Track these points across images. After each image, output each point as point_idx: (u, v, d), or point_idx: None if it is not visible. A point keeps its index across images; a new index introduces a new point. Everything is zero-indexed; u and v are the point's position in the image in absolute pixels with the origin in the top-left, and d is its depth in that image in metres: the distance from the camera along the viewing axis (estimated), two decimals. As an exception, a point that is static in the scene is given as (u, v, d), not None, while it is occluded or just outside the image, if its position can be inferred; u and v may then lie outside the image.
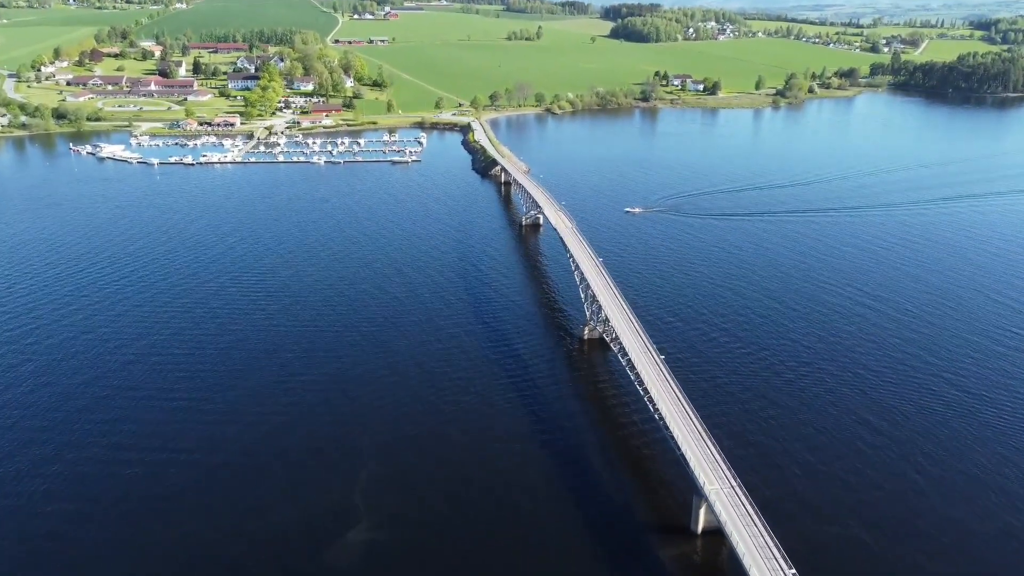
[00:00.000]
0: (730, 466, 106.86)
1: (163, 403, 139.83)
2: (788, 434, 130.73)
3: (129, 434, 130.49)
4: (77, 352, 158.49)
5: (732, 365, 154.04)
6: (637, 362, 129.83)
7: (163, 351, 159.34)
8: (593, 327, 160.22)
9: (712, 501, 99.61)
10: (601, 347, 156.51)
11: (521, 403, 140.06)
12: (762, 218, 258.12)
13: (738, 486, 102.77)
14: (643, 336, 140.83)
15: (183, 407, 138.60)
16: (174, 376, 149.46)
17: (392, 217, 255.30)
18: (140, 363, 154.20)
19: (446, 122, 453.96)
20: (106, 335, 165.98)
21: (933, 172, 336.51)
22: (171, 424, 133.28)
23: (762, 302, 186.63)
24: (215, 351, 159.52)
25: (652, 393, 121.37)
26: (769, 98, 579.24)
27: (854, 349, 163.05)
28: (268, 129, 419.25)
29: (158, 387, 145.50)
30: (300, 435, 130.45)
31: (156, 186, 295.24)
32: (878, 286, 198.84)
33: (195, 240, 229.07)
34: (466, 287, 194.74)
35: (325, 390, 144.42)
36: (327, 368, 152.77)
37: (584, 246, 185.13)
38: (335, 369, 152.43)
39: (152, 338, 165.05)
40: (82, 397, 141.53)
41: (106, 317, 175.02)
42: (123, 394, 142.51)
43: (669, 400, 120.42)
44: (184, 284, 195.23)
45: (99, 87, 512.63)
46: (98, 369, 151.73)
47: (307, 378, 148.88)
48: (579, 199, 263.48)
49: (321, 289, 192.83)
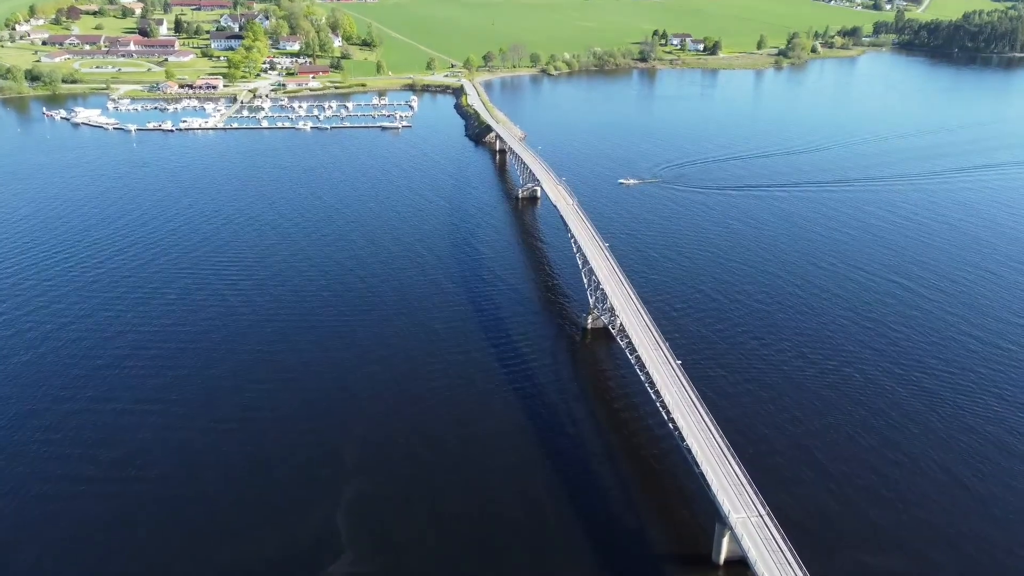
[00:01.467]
0: (756, 488, 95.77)
1: (126, 406, 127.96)
2: (819, 442, 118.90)
3: (85, 439, 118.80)
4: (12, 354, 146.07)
5: (750, 360, 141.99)
6: (649, 363, 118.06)
7: (126, 347, 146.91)
8: (597, 316, 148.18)
9: (738, 532, 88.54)
10: (606, 337, 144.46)
11: (520, 404, 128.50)
12: (768, 191, 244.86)
13: (766, 514, 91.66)
14: (654, 331, 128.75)
15: (149, 410, 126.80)
16: (143, 377, 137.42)
17: (380, 190, 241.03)
18: (91, 362, 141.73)
19: (438, 84, 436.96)
20: (49, 330, 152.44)
21: (949, 139, 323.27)
22: (139, 427, 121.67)
23: (772, 285, 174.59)
24: (181, 342, 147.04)
25: (666, 399, 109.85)
26: (771, 58, 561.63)
27: (893, 337, 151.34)
28: (252, 92, 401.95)
29: (122, 388, 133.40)
30: (277, 434, 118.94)
31: (132, 155, 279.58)
32: (916, 264, 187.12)
33: (169, 218, 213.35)
34: (459, 269, 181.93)
35: (303, 387, 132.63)
36: (307, 359, 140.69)
37: (588, 228, 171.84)
38: (317, 361, 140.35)
39: (108, 332, 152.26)
40: (28, 406, 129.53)
41: (53, 308, 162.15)
42: (81, 395, 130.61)
43: (684, 407, 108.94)
44: (149, 269, 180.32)
45: (76, 47, 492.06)
46: (47, 370, 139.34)
47: (283, 374, 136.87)
48: (573, 168, 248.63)
49: (298, 274, 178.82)
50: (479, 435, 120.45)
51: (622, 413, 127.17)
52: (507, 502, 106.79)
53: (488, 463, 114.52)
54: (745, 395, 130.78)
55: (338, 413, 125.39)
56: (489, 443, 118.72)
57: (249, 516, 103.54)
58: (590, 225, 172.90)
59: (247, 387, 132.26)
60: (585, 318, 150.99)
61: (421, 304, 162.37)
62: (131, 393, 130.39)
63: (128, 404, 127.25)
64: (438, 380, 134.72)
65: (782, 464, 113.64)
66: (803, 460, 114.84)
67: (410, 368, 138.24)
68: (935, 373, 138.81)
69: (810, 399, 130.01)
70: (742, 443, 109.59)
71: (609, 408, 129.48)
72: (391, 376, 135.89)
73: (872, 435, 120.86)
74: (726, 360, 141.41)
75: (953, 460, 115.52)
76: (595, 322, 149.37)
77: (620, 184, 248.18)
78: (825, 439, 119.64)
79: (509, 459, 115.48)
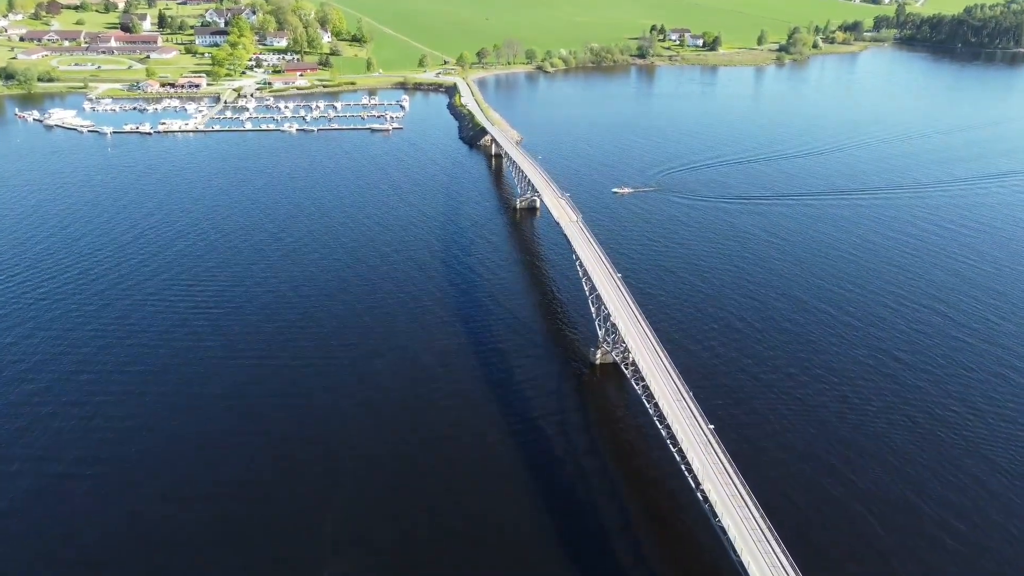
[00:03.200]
0: (794, 566, 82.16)
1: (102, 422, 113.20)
2: (869, 509, 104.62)
3: (58, 444, 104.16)
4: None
5: (784, 407, 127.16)
6: (672, 417, 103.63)
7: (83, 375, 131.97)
8: (607, 351, 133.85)
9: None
10: (616, 374, 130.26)
11: (521, 452, 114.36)
12: (781, 201, 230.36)
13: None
14: (675, 377, 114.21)
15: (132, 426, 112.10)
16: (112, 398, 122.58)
17: (367, 200, 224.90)
18: (34, 410, 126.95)
19: (430, 82, 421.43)
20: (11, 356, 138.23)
21: (966, 138, 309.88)
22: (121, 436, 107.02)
23: (802, 314, 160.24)
24: (131, 393, 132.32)
25: (694, 464, 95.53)
26: (772, 54, 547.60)
27: (943, 375, 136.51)
28: (237, 91, 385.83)
29: (62, 447, 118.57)
30: (246, 506, 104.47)
31: (106, 161, 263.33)
32: (965, 288, 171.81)
33: (137, 235, 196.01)
34: (452, 294, 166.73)
35: (284, 434, 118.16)
36: (286, 404, 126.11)
37: (596, 250, 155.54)
38: (293, 406, 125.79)
39: (56, 372, 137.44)
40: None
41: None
42: (66, 411, 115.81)
43: (717, 477, 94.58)
44: (108, 295, 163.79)
45: (55, 43, 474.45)
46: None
47: (251, 424, 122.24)
48: (568, 174, 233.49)
49: (275, 299, 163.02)
50: (476, 483, 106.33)
51: (639, 466, 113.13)
52: (511, 562, 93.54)
53: (485, 516, 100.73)
54: (778, 448, 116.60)
55: (316, 476, 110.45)
56: (485, 490, 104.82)
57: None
58: (597, 247, 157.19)
59: (211, 442, 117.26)
60: (593, 352, 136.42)
61: (410, 336, 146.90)
62: (74, 453, 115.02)
63: (70, 467, 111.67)
64: (430, 427, 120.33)
65: (820, 534, 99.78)
66: (850, 531, 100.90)
67: (397, 416, 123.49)
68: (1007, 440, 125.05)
69: (858, 456, 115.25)
70: (783, 517, 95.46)
71: (623, 458, 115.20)
72: (376, 428, 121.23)
73: (930, 501, 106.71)
74: (756, 406, 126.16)
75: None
76: (604, 357, 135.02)
77: (615, 193, 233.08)
78: (874, 504, 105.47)
79: (508, 512, 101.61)
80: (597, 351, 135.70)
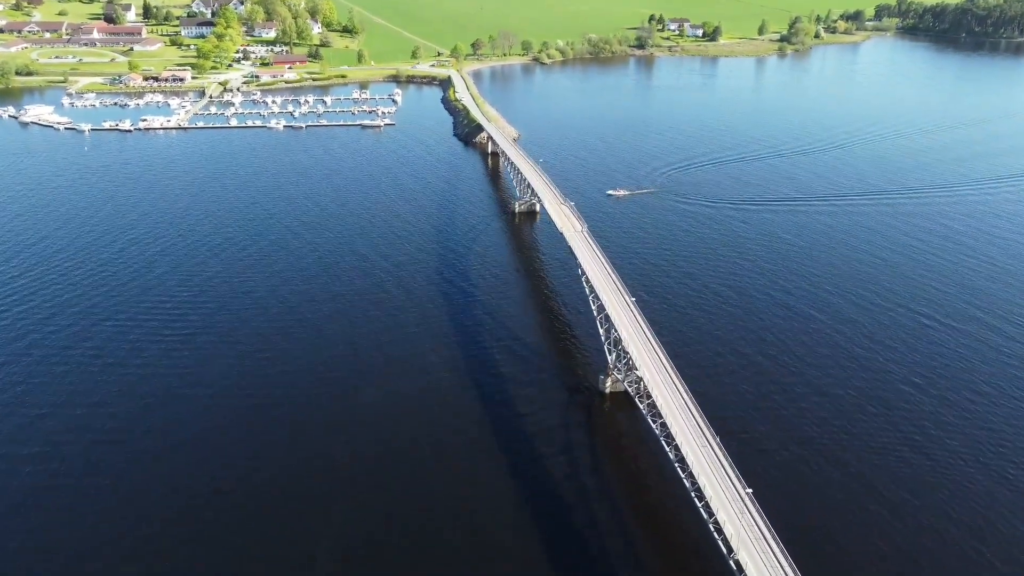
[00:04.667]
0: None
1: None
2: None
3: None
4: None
5: (816, 442, 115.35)
6: (697, 467, 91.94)
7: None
8: (617, 381, 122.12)
9: None
10: (628, 404, 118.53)
11: (526, 498, 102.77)
12: (785, 206, 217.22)
13: None
14: (696, 415, 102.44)
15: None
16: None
17: (355, 206, 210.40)
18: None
19: (424, 75, 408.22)
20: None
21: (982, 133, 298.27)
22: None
23: (829, 337, 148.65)
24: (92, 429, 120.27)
25: (727, 531, 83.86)
26: (774, 44, 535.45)
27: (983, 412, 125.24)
28: (223, 85, 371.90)
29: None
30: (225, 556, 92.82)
31: (81, 161, 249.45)
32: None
33: (107, 244, 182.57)
34: (448, 310, 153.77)
35: (259, 469, 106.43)
36: (258, 454, 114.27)
37: (605, 268, 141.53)
38: (268, 457, 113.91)
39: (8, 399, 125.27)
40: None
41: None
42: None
43: (755, 546, 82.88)
44: (68, 312, 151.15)
45: (35, 35, 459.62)
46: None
47: (234, 469, 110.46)
48: (562, 174, 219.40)
49: (238, 324, 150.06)
50: (479, 545, 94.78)
51: (657, 512, 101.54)
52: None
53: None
54: (819, 511, 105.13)
55: (294, 535, 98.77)
56: (493, 551, 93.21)
57: None
58: (605, 261, 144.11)
59: (183, 487, 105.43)
60: (603, 380, 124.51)
61: (401, 363, 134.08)
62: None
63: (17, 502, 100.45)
64: (421, 469, 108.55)
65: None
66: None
67: (384, 462, 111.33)
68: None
69: (903, 507, 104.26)
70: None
71: (639, 502, 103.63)
72: (363, 475, 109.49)
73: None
74: (797, 457, 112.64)
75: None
76: (614, 385, 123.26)
77: (609, 196, 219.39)
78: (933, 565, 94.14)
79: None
80: (607, 379, 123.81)
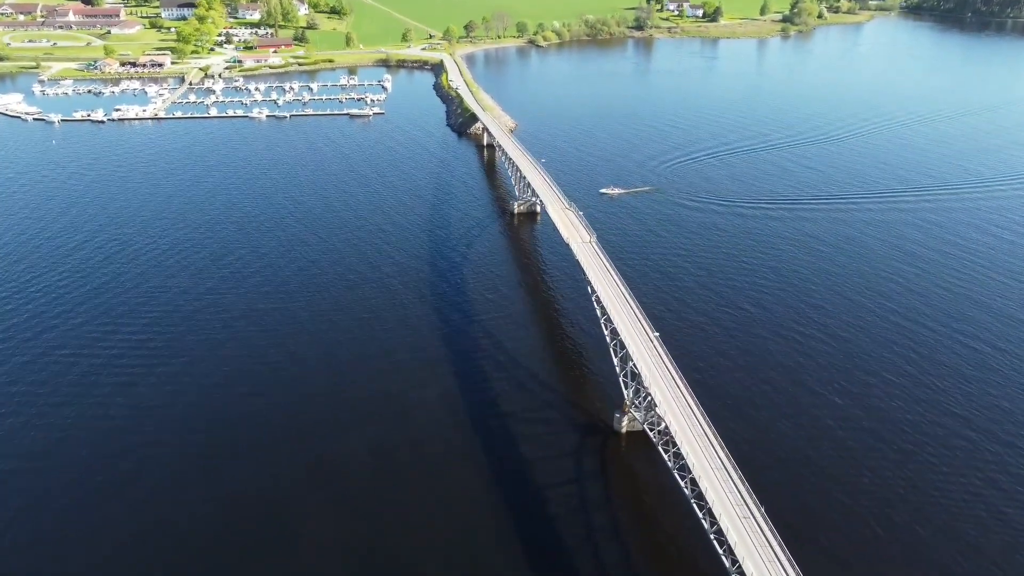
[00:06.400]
0: None
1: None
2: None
3: None
4: None
5: (862, 489, 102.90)
6: (741, 547, 78.26)
7: None
8: (635, 420, 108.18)
9: None
10: (645, 445, 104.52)
11: (533, 555, 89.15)
12: (802, 207, 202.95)
13: None
14: (730, 468, 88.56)
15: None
16: None
17: (341, 204, 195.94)
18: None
19: (415, 59, 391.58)
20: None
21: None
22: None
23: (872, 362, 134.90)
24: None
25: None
26: (776, 25, 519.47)
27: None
28: (204, 71, 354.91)
29: None
30: None
31: (48, 156, 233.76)
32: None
33: (67, 254, 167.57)
34: (442, 328, 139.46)
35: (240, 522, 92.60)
36: (249, 481, 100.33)
37: (619, 288, 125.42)
38: (254, 492, 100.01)
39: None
40: None
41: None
42: None
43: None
44: (24, 330, 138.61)
45: (8, 16, 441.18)
46: None
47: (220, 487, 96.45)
48: (558, 168, 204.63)
49: (209, 350, 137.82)
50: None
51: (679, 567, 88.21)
52: None
53: None
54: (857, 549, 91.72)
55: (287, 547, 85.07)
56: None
57: None
58: (618, 279, 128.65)
59: (139, 539, 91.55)
60: (618, 419, 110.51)
61: (390, 403, 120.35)
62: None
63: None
64: (414, 520, 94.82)
65: None
66: None
67: (371, 508, 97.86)
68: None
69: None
70: None
71: (657, 555, 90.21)
72: (351, 519, 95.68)
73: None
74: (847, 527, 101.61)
75: None
76: (631, 424, 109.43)
77: (602, 194, 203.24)
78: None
79: None
80: (623, 417, 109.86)
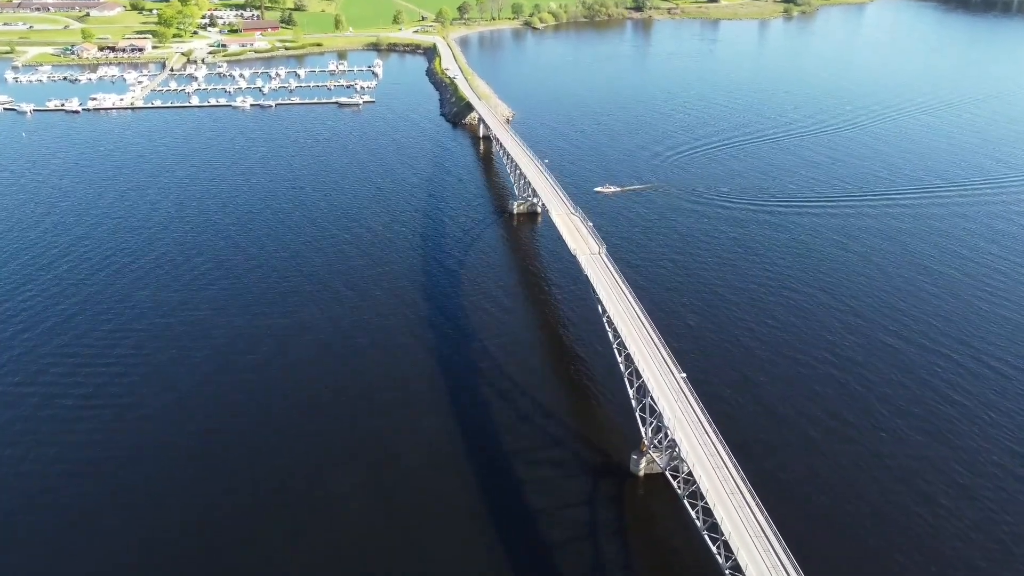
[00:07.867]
0: None
1: None
2: None
3: None
4: None
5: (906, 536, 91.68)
6: None
7: None
8: (654, 462, 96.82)
9: None
10: (668, 488, 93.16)
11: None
12: (823, 206, 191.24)
13: None
14: (763, 524, 77.50)
15: None
16: None
17: (326, 205, 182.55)
18: None
19: (407, 42, 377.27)
20: None
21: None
22: None
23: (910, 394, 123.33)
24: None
25: None
26: (779, 6, 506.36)
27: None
28: (186, 55, 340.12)
29: None
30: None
31: (16, 151, 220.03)
32: None
33: (24, 266, 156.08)
34: (437, 353, 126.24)
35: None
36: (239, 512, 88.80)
37: (634, 310, 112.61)
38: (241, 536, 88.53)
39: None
40: None
41: None
42: None
43: None
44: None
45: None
46: None
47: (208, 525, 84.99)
48: (556, 165, 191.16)
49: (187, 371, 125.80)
50: None
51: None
52: None
53: None
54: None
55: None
56: None
57: None
58: (634, 300, 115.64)
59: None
60: (635, 460, 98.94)
61: (378, 444, 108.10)
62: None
63: None
64: (415, 535, 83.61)
65: None
66: None
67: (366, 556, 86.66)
68: None
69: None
70: None
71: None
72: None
73: None
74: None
75: None
76: (650, 466, 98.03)
77: (597, 193, 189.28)
78: None
79: None
80: (641, 458, 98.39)
